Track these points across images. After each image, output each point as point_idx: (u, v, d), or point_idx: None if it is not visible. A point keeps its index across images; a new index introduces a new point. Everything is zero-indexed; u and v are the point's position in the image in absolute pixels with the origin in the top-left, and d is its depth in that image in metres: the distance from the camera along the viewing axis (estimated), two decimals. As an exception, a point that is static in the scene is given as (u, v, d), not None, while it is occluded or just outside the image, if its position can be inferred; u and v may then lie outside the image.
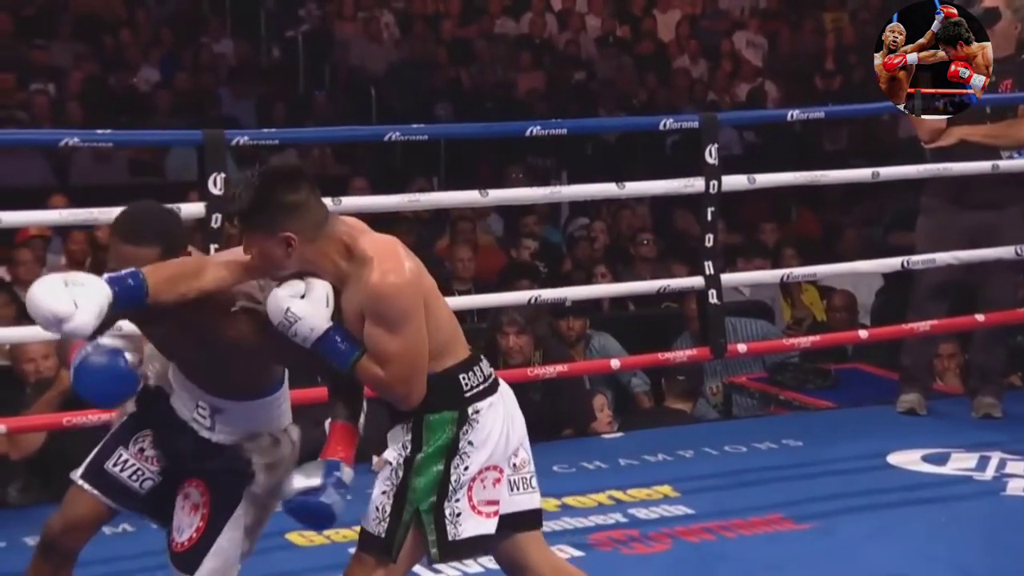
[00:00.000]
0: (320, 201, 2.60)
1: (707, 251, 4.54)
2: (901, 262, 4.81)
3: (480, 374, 2.66)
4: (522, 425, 2.73)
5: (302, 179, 2.57)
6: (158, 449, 2.83)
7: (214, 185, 3.89)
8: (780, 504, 4.02)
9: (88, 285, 2.46)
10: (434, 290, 2.65)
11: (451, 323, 2.68)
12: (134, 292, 2.50)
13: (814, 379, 5.65)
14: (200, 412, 2.77)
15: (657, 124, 4.61)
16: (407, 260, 2.59)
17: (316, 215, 2.58)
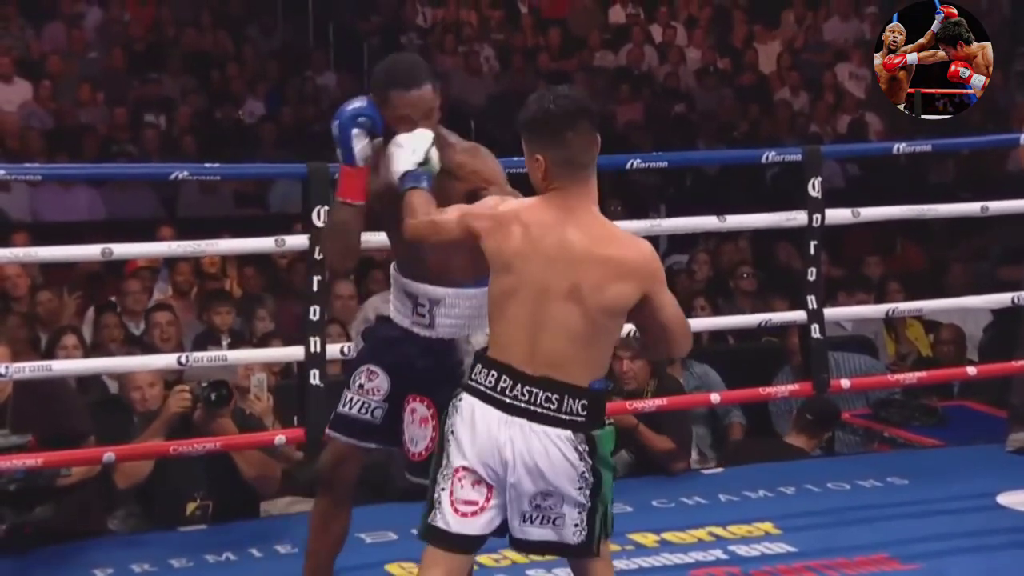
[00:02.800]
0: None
1: (810, 285, 4.49)
2: (1012, 298, 4.70)
3: (493, 379, 2.62)
4: (543, 468, 2.62)
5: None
6: (381, 368, 3.09)
7: (317, 217, 3.93)
8: (886, 543, 3.93)
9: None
10: (520, 267, 2.62)
11: (513, 319, 2.62)
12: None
13: (920, 416, 5.54)
14: (419, 311, 3.03)
15: (759, 157, 4.58)
16: (513, 207, 2.69)
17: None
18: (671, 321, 2.67)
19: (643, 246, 2.66)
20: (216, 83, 10.04)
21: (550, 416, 2.62)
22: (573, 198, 2.64)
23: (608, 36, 11.34)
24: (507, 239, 2.64)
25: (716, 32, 11.72)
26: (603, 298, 2.60)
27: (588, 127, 2.64)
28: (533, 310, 2.62)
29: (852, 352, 6.02)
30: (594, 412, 2.64)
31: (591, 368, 2.65)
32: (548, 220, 2.63)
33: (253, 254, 6.76)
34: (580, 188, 2.65)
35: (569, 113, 2.63)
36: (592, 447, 2.63)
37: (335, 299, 6.03)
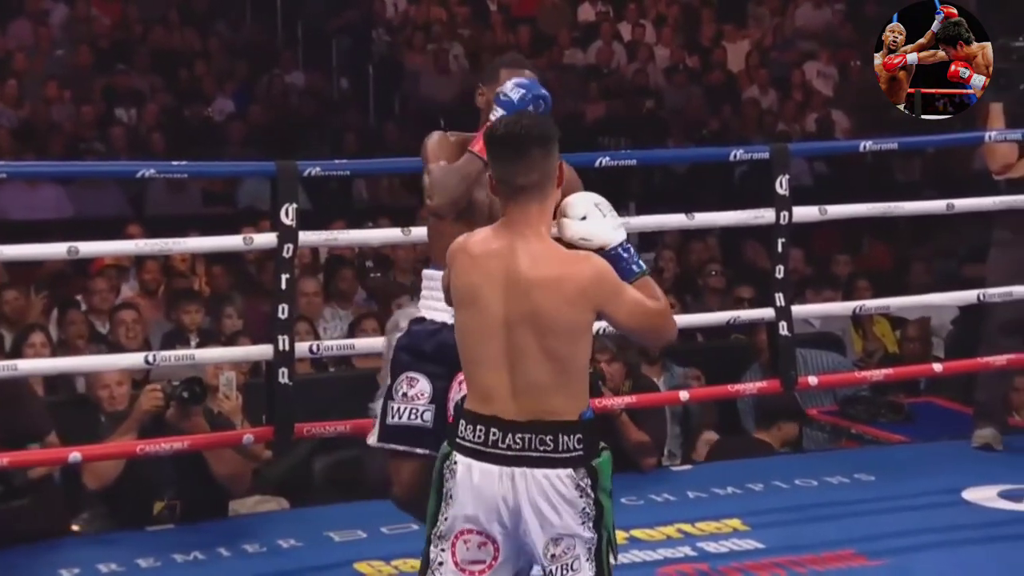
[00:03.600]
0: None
1: (778, 283, 4.51)
2: (977, 295, 4.74)
3: (482, 433, 2.57)
4: (542, 522, 2.57)
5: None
6: (421, 374, 3.19)
7: (286, 215, 3.92)
8: (853, 540, 3.96)
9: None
10: (471, 303, 2.60)
11: (487, 362, 2.59)
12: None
13: (887, 413, 5.57)
14: None
15: (727, 155, 4.59)
16: (461, 239, 2.68)
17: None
18: (635, 323, 2.63)
19: (585, 265, 2.59)
20: (184, 81, 9.99)
21: (549, 458, 2.57)
22: (518, 223, 2.60)
23: (577, 34, 11.36)
24: (459, 273, 2.63)
25: (685, 30, 11.75)
26: (558, 324, 2.56)
27: (530, 152, 2.59)
28: (503, 347, 2.58)
29: (820, 349, 6.05)
30: (590, 442, 2.60)
31: (575, 397, 2.59)
32: (493, 248, 2.61)
33: (221, 253, 6.74)
34: (521, 213, 2.60)
35: (512, 135, 2.61)
36: (594, 479, 2.58)
37: (301, 296, 6.02)
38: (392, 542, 4.00)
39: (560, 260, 2.60)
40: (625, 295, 2.62)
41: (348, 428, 4.10)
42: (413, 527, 4.11)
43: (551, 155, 2.64)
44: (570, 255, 2.62)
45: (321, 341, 4.65)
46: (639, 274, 2.66)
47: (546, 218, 2.64)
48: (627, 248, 2.68)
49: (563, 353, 2.57)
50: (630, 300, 2.62)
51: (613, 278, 2.61)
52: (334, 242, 4.50)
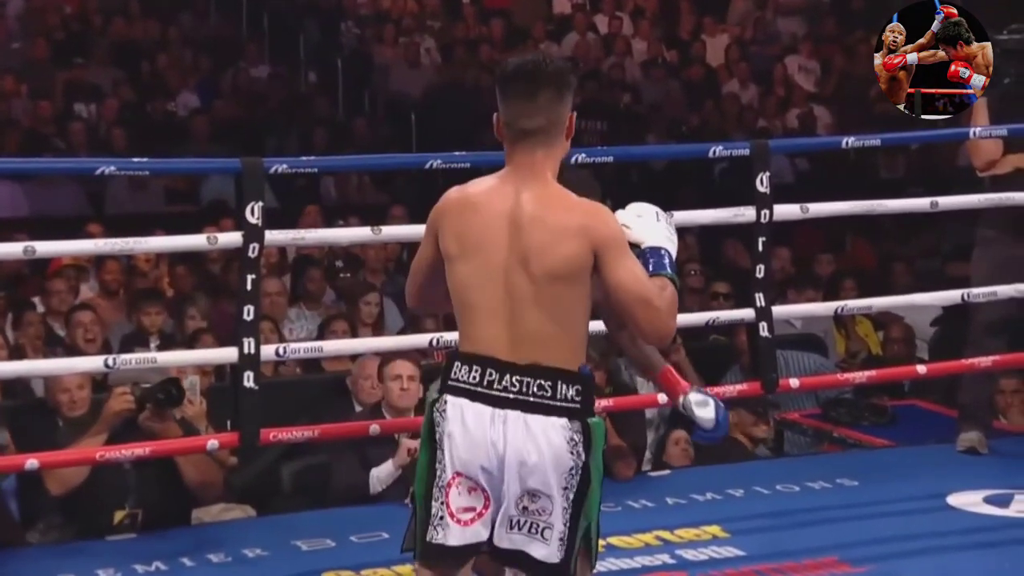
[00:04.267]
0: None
1: (758, 282, 4.52)
2: (962, 295, 4.77)
3: (478, 374, 2.53)
4: (530, 463, 2.53)
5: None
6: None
7: (251, 214, 3.90)
8: (835, 546, 3.97)
9: None
10: (473, 250, 2.56)
11: (485, 307, 2.55)
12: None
13: (870, 416, 5.59)
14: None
15: (706, 151, 4.60)
16: (462, 187, 2.65)
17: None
18: (628, 292, 2.53)
19: (595, 208, 2.55)
20: (146, 75, 9.94)
21: (545, 404, 2.53)
22: (522, 167, 2.58)
23: (552, 27, 11.36)
24: (458, 221, 2.58)
25: (663, 23, 11.78)
26: (556, 259, 2.51)
27: (540, 93, 2.55)
28: (503, 293, 2.54)
29: (802, 351, 6.08)
30: (587, 398, 2.56)
31: (574, 348, 2.56)
32: (496, 192, 2.58)
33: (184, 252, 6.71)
34: (525, 156, 2.58)
35: (523, 73, 2.57)
36: (587, 438, 2.53)
37: (264, 296, 5.98)
38: (362, 551, 3.99)
39: (566, 199, 2.58)
40: (628, 257, 2.55)
41: (316, 433, 4.08)
42: (384, 535, 4.12)
43: (563, 102, 2.58)
44: (579, 199, 2.58)
45: (288, 343, 4.63)
46: (662, 274, 2.63)
47: (552, 165, 2.58)
48: (663, 252, 2.66)
49: (561, 300, 2.53)
50: (632, 264, 2.55)
51: (620, 233, 2.57)
52: (301, 241, 4.48)
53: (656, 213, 2.71)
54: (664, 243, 2.67)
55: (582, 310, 2.57)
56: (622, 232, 2.58)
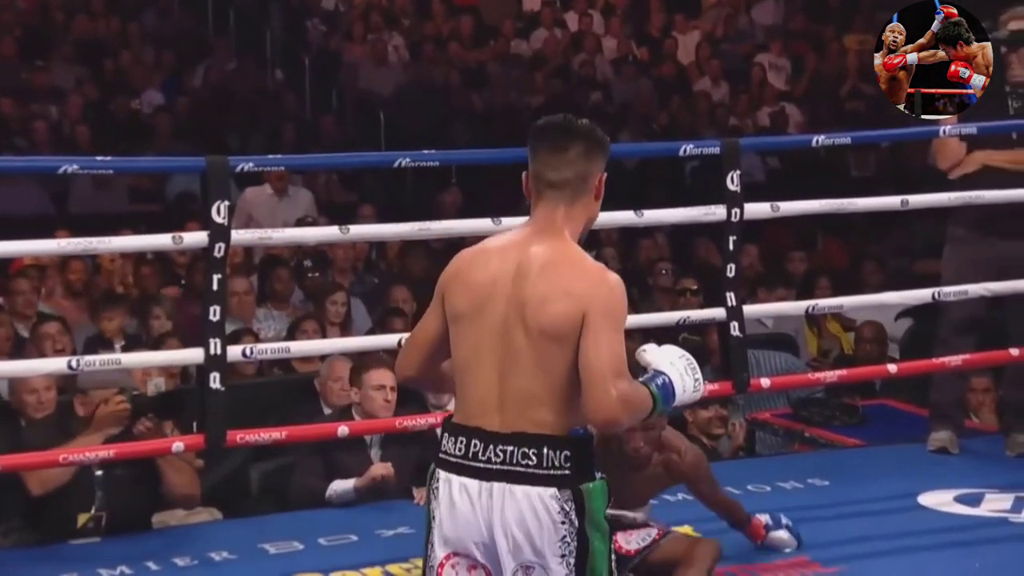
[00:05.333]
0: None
1: (729, 281, 4.54)
2: (932, 294, 4.80)
3: (463, 446, 2.49)
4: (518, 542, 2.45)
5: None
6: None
7: (217, 213, 3.89)
8: (806, 547, 3.99)
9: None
10: (478, 306, 2.51)
11: (479, 372, 2.51)
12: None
13: (841, 415, 5.63)
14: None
15: (677, 150, 4.61)
16: (494, 238, 2.62)
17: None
18: (592, 354, 2.42)
19: (603, 275, 2.50)
20: (109, 72, 9.89)
21: (531, 474, 2.45)
22: (541, 221, 2.54)
23: (521, 24, 11.37)
24: (471, 276, 2.53)
25: (633, 20, 11.80)
26: (544, 315, 2.45)
27: (571, 147, 2.55)
28: (499, 351, 2.48)
29: (773, 350, 6.11)
30: (580, 462, 2.46)
31: (565, 411, 2.47)
32: (509, 247, 2.54)
33: (149, 252, 6.68)
34: (546, 211, 2.54)
35: (555, 126, 2.57)
36: (580, 505, 2.44)
37: (231, 295, 5.97)
38: (331, 554, 3.99)
39: (577, 259, 2.52)
40: (612, 331, 2.44)
41: (284, 436, 4.08)
42: (352, 537, 4.12)
43: (592, 159, 2.58)
44: (594, 264, 2.53)
45: (255, 344, 4.62)
46: (647, 384, 2.51)
47: (573, 224, 2.55)
48: (664, 378, 2.54)
49: (553, 360, 2.45)
50: (611, 340, 2.44)
51: (618, 306, 2.48)
52: (268, 241, 4.47)
53: (684, 357, 2.60)
54: (671, 373, 2.55)
55: (574, 372, 2.46)
56: (620, 308, 2.48)
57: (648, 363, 2.58)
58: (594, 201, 2.60)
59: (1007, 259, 4.79)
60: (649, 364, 2.58)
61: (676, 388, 2.54)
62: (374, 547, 4.05)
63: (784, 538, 4.02)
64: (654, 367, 2.57)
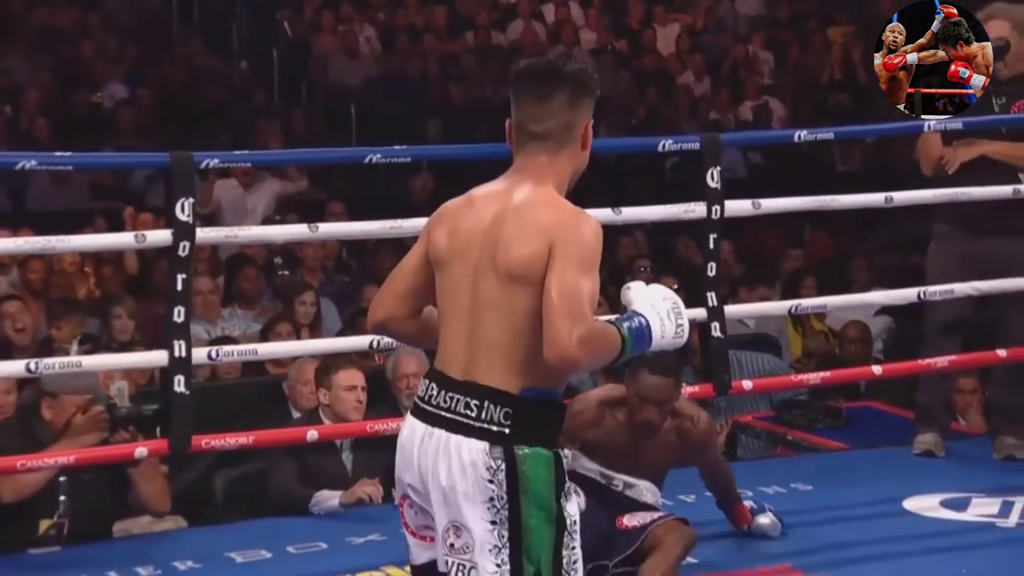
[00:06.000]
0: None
1: (709, 281, 4.55)
2: (918, 293, 4.82)
3: (424, 387, 2.48)
4: (449, 500, 2.41)
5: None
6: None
7: (181, 211, 3.88)
8: (788, 554, 4.02)
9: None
10: (459, 252, 2.49)
11: (454, 317, 2.48)
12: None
13: (824, 418, 5.65)
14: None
15: (655, 145, 4.62)
16: (478, 188, 2.58)
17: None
18: (554, 288, 2.34)
19: (578, 215, 2.42)
20: (70, 63, 9.83)
21: (467, 425, 2.40)
22: (525, 171, 2.48)
23: (497, 15, 11.37)
24: (455, 223, 2.51)
25: (612, 11, 11.82)
26: (512, 255, 2.40)
27: (554, 95, 2.46)
28: (469, 299, 2.44)
29: (755, 351, 6.13)
30: (521, 424, 2.39)
31: (523, 367, 2.39)
32: (492, 196, 2.50)
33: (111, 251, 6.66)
34: (528, 161, 2.48)
35: (537, 73, 2.48)
36: (511, 468, 2.36)
37: (195, 295, 5.95)
38: (300, 562, 3.99)
39: (555, 201, 2.45)
40: (578, 268, 2.36)
41: (251, 440, 4.07)
42: (322, 545, 4.12)
43: (578, 107, 2.48)
44: (573, 207, 2.45)
45: (221, 346, 4.61)
46: (618, 325, 2.41)
47: (556, 173, 2.48)
48: (641, 319, 2.43)
49: (518, 306, 2.39)
50: (576, 275, 2.36)
51: (586, 239, 2.39)
52: (234, 239, 4.46)
53: (668, 299, 2.49)
54: (650, 315, 2.44)
55: (540, 323, 2.37)
56: (591, 245, 2.40)
57: (629, 302, 2.49)
58: (581, 151, 2.51)
59: (993, 257, 4.81)
60: (629, 303, 2.48)
61: (653, 331, 2.43)
62: (344, 555, 4.05)
63: (768, 523, 4.10)
64: (633, 307, 2.46)
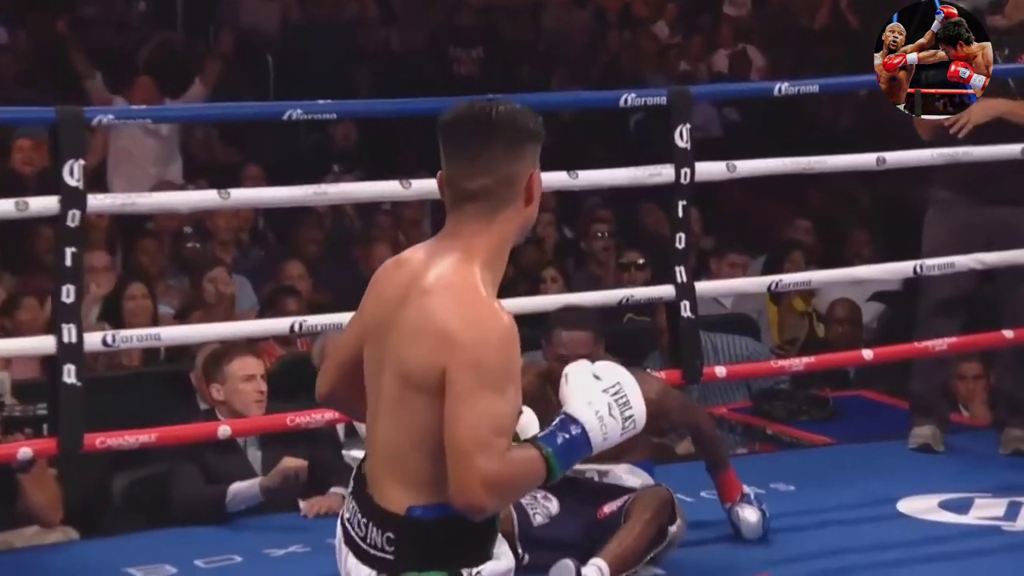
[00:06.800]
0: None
1: (678, 254, 4.57)
2: (914, 267, 4.87)
3: (349, 490, 2.47)
4: None
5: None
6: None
7: (70, 174, 3.86)
8: (768, 562, 4.06)
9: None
10: (371, 330, 2.45)
11: (369, 400, 2.46)
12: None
13: (808, 409, 5.70)
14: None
15: (617, 100, 4.63)
16: (401, 253, 2.54)
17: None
18: (454, 423, 2.27)
19: (479, 319, 2.31)
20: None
21: (358, 546, 2.40)
22: (450, 236, 2.40)
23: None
24: (373, 293, 2.47)
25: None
26: (404, 355, 2.34)
27: (486, 149, 2.38)
28: (375, 393, 2.41)
29: (733, 334, 6.16)
30: (408, 548, 2.34)
31: (418, 481, 2.35)
32: (415, 258, 2.43)
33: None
34: (459, 226, 2.40)
35: (465, 122, 2.40)
36: None
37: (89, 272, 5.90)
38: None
39: (462, 291, 2.34)
40: (481, 389, 2.27)
41: (154, 438, 4.06)
42: (236, 559, 4.11)
43: (517, 157, 2.40)
44: (478, 293, 2.34)
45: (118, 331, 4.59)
46: (540, 448, 2.31)
47: (491, 241, 2.39)
48: (574, 428, 2.33)
49: (419, 411, 2.33)
50: (478, 405, 2.27)
51: (490, 354, 2.29)
52: (131, 208, 4.44)
53: (611, 389, 2.39)
54: (585, 418, 2.35)
55: (436, 435, 2.31)
56: (496, 360, 2.29)
57: (563, 399, 2.40)
58: (525, 207, 2.41)
59: (1000, 228, 4.86)
60: (564, 402, 2.39)
61: (592, 436, 2.35)
62: (262, 569, 4.06)
63: (751, 520, 4.18)
64: (566, 408, 2.38)
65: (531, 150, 2.43)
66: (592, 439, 2.36)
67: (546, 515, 4.01)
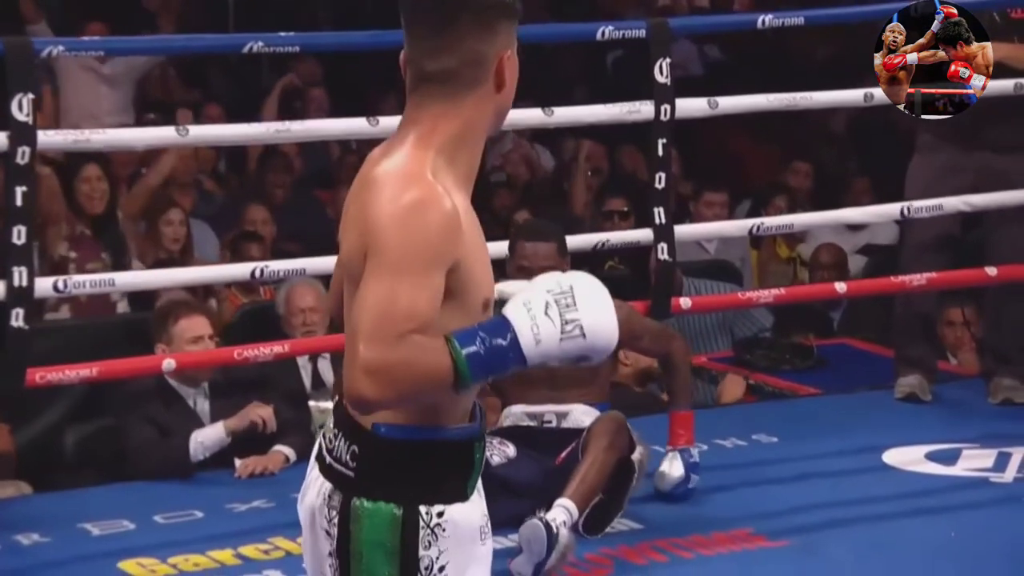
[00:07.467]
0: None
1: (657, 194, 4.57)
2: (901, 208, 4.87)
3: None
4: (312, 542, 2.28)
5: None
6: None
7: (20, 109, 3.82)
8: (749, 516, 4.07)
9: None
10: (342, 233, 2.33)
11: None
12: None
13: (791, 358, 5.71)
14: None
15: (594, 33, 4.61)
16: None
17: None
18: (354, 311, 2.15)
19: (401, 187, 2.18)
20: None
21: (322, 458, 2.27)
22: (405, 127, 2.26)
23: None
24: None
25: None
26: (343, 249, 2.25)
27: (453, 22, 2.23)
28: (347, 298, 2.26)
29: (715, 280, 6.16)
30: (368, 468, 2.21)
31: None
32: (370, 159, 2.30)
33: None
34: (416, 111, 2.25)
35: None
36: (344, 524, 2.21)
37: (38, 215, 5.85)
38: (168, 533, 4.00)
39: (405, 173, 2.20)
40: (387, 271, 2.14)
41: (95, 372, 4.03)
42: (197, 514, 4.11)
43: (489, 36, 2.24)
44: (416, 179, 2.19)
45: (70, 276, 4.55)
46: (453, 345, 2.13)
47: (453, 127, 2.24)
48: (506, 327, 2.14)
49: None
50: (383, 282, 2.14)
51: (400, 231, 2.16)
52: (85, 145, 4.39)
53: (555, 291, 2.19)
54: (517, 319, 2.16)
55: None
56: (409, 238, 2.16)
57: (505, 295, 2.28)
58: (496, 93, 2.26)
59: (987, 174, 4.89)
60: (505, 296, 2.24)
61: (521, 336, 2.15)
62: (224, 524, 4.06)
63: (671, 476, 4.18)
64: (508, 307, 2.20)
65: (504, 27, 2.26)
66: (523, 342, 2.15)
67: (504, 457, 4.02)
